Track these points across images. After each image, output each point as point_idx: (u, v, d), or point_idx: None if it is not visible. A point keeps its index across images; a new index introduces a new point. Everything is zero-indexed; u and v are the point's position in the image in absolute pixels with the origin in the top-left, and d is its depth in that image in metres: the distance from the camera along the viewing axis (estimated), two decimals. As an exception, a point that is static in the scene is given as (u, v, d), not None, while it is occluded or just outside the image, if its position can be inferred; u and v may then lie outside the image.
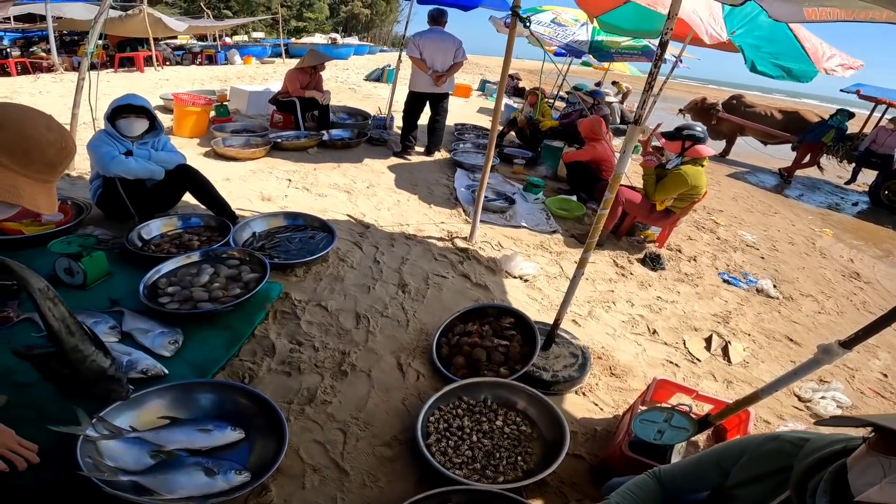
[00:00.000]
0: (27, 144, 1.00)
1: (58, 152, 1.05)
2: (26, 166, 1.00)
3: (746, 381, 2.56)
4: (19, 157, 0.99)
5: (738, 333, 3.02)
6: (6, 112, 1.00)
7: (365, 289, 2.75)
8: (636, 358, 2.55)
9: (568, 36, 6.78)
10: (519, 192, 4.78)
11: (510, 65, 3.05)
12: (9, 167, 0.98)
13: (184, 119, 5.23)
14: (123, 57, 10.93)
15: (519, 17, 2.82)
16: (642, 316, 2.98)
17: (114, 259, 2.55)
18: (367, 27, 44.71)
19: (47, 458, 1.42)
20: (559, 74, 8.69)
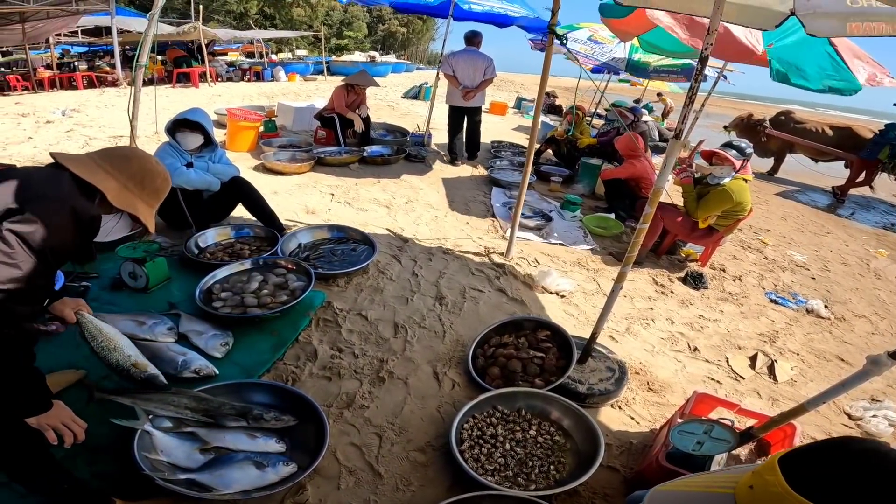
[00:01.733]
0: (144, 174, 1.40)
1: (162, 181, 1.46)
2: (142, 190, 1.40)
3: (793, 399, 2.47)
4: (138, 181, 1.39)
5: (786, 353, 2.92)
6: (131, 149, 1.45)
7: (403, 300, 2.82)
8: (675, 374, 2.51)
9: (605, 53, 6.76)
10: (556, 209, 4.77)
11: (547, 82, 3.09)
12: (132, 190, 1.38)
13: (236, 134, 5.53)
14: (181, 73, 11.67)
15: (556, 35, 2.84)
16: (682, 333, 2.93)
17: (173, 265, 2.74)
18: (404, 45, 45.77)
19: (102, 450, 1.53)
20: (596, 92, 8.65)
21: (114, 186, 1.33)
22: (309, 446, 1.67)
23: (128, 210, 1.36)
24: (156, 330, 2.15)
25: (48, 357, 1.94)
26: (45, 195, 1.17)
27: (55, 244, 1.14)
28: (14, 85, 10.03)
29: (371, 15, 41.09)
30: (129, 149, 1.43)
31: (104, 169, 1.33)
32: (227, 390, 1.81)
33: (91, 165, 1.32)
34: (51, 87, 10.38)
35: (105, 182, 1.31)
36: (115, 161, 1.37)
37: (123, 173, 1.36)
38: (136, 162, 1.40)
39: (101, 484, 1.47)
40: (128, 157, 1.40)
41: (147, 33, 3.27)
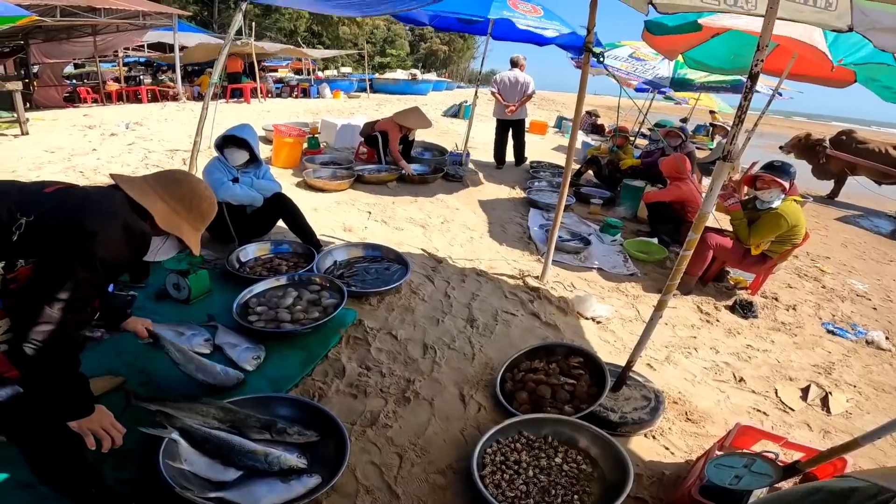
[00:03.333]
0: (192, 197, 1.49)
1: (209, 206, 1.55)
2: (189, 213, 1.48)
3: (847, 432, 2.31)
4: (186, 205, 1.47)
5: (842, 384, 2.74)
6: (182, 173, 1.54)
7: (434, 321, 2.80)
8: (717, 405, 2.41)
9: (648, 70, 6.61)
10: (595, 232, 4.66)
11: (584, 101, 3.05)
12: (179, 213, 1.46)
13: (281, 150, 5.72)
14: (234, 88, 12.32)
15: (592, 53, 2.79)
16: (728, 363, 2.80)
17: (215, 278, 2.83)
18: (445, 63, 46.49)
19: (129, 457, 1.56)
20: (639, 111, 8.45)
21: (162, 209, 1.41)
22: (329, 463, 1.67)
23: (174, 232, 1.43)
24: (193, 341, 2.22)
25: (91, 362, 2.01)
26: (101, 210, 1.25)
27: (108, 257, 1.21)
28: (84, 97, 10.89)
29: (413, 33, 42.11)
30: (181, 173, 1.53)
31: (156, 192, 1.42)
32: (254, 403, 1.84)
33: (144, 188, 1.41)
34: (118, 100, 11.18)
35: (155, 205, 1.40)
36: (167, 185, 1.45)
37: (173, 197, 1.44)
38: (185, 186, 1.48)
39: (125, 490, 1.50)
40: (179, 181, 1.48)
41: (222, 51, 3.46)
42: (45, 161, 5.27)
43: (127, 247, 1.27)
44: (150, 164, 5.40)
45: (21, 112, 6.55)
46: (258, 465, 1.57)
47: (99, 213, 1.24)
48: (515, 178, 6.65)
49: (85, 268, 1.17)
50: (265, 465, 1.57)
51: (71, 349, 1.19)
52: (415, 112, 5.79)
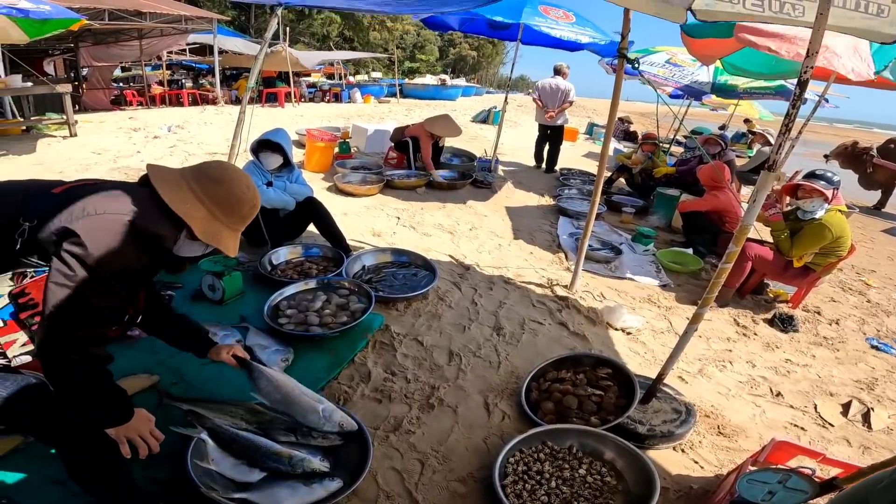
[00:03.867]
0: (232, 200, 1.32)
1: (250, 209, 1.37)
2: (228, 217, 1.32)
3: (888, 448, 2.23)
4: (226, 209, 1.31)
5: (885, 401, 2.62)
6: (224, 170, 1.34)
7: (460, 328, 2.79)
8: (752, 419, 2.34)
9: (686, 76, 6.45)
10: (627, 242, 4.55)
11: (618, 107, 2.99)
12: (218, 218, 1.30)
13: (313, 154, 5.83)
14: (269, 93, 12.66)
15: (626, 59, 2.73)
16: (765, 377, 2.70)
17: (247, 280, 2.90)
18: (474, 69, 46.53)
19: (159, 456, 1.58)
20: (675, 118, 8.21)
21: (201, 217, 1.26)
22: (351, 467, 1.67)
23: (213, 243, 1.30)
24: (224, 342, 2.24)
25: (127, 360, 2.09)
26: (105, 213, 1.12)
27: (114, 265, 1.09)
28: (130, 100, 11.40)
29: (442, 39, 42.38)
30: (221, 168, 1.34)
31: (194, 193, 1.26)
32: None
33: (182, 188, 1.26)
34: (161, 103, 11.65)
35: (194, 213, 1.24)
36: (206, 184, 1.28)
37: (213, 200, 1.28)
38: (226, 186, 1.30)
39: (154, 489, 1.53)
40: (218, 180, 1.30)
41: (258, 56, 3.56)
42: (91, 162, 5.53)
43: (138, 253, 1.15)
44: (189, 167, 5.58)
45: (70, 114, 6.90)
46: (282, 467, 1.58)
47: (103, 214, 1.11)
48: (545, 185, 6.57)
49: (92, 281, 1.07)
50: (289, 467, 1.58)
51: (94, 361, 1.12)
52: (445, 119, 5.79)
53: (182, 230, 1.28)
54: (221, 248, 1.32)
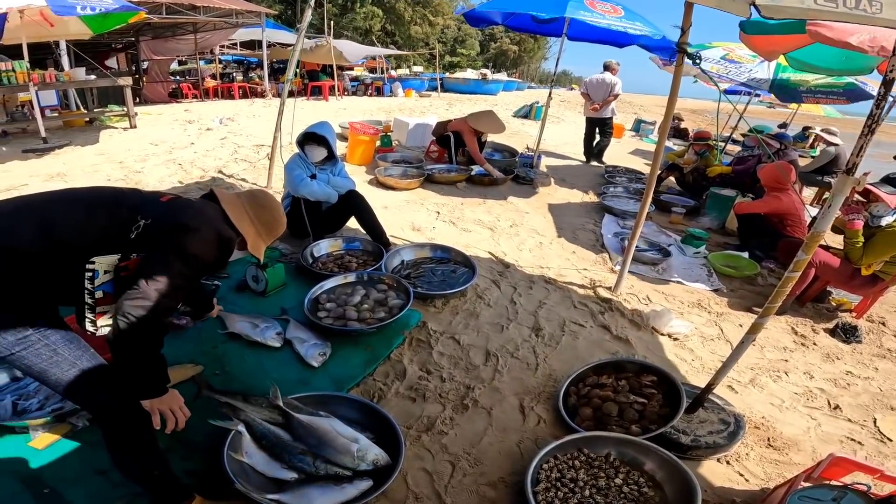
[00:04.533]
0: (273, 223, 1.71)
1: (280, 227, 1.76)
2: (268, 235, 1.70)
3: None
4: (268, 229, 1.69)
5: None
6: (270, 199, 1.74)
7: (498, 328, 2.74)
8: (806, 432, 2.23)
9: (743, 73, 6.11)
10: (676, 243, 4.35)
11: (675, 105, 2.85)
12: (261, 236, 1.68)
13: (356, 147, 5.89)
14: (314, 86, 12.94)
15: (687, 55, 2.60)
16: (822, 390, 2.56)
17: (290, 272, 2.95)
18: (516, 63, 45.81)
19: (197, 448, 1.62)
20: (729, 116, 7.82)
21: (252, 234, 1.62)
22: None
23: (255, 254, 1.68)
24: (266, 334, 2.31)
25: (174, 350, 2.15)
26: (202, 216, 1.45)
27: (200, 255, 1.38)
28: (186, 93, 11.93)
29: (483, 34, 41.94)
30: (267, 198, 1.73)
31: (249, 216, 1.63)
32: (315, 401, 1.86)
33: (240, 210, 1.61)
34: (214, 96, 12.12)
35: (247, 229, 1.60)
36: (257, 210, 1.66)
37: (260, 221, 1.66)
38: (269, 212, 1.69)
39: (189, 481, 1.55)
40: (265, 207, 1.69)
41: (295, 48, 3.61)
42: (149, 153, 5.81)
43: (217, 250, 1.46)
44: (238, 158, 5.78)
45: (130, 106, 7.27)
46: (307, 467, 1.58)
47: (200, 218, 1.44)
48: (589, 182, 6.39)
49: (181, 260, 1.33)
50: (313, 468, 1.58)
51: (157, 329, 1.29)
52: (489, 115, 5.66)
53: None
54: (256, 255, 1.68)
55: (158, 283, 1.27)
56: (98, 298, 1.34)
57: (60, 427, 1.71)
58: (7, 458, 1.60)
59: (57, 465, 1.59)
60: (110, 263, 1.33)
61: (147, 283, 1.26)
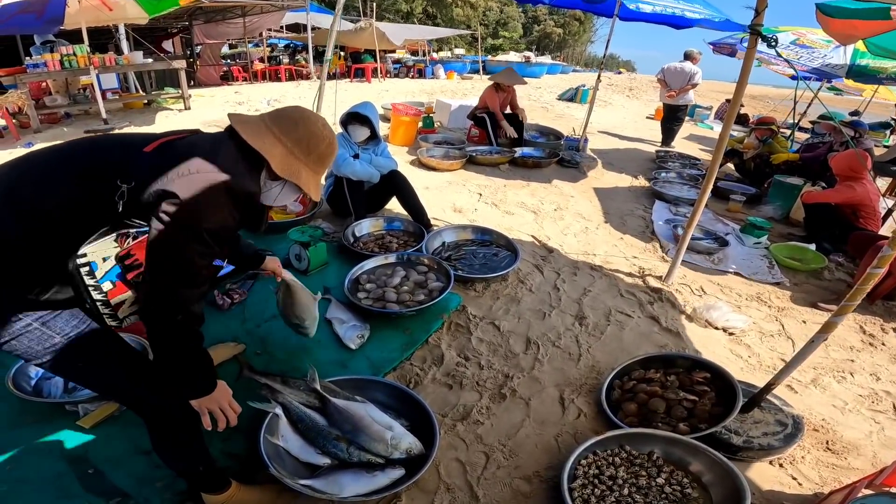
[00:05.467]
0: (309, 137, 1.30)
1: (327, 146, 1.34)
2: (307, 155, 1.30)
3: None
4: (304, 147, 1.29)
5: None
6: (300, 112, 1.33)
7: (540, 314, 2.65)
8: (868, 436, 2.09)
9: (816, 59, 5.72)
10: (734, 233, 4.11)
11: (738, 90, 2.67)
12: (297, 156, 1.29)
13: (398, 128, 5.89)
14: (357, 68, 13.02)
15: (762, 37, 2.41)
16: (889, 392, 2.38)
17: (332, 251, 2.95)
18: (560, 46, 44.36)
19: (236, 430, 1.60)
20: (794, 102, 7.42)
21: (279, 153, 1.25)
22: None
23: (291, 178, 1.28)
24: (347, 333, 2.25)
25: (217, 327, 2.20)
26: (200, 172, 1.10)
27: (214, 226, 1.11)
28: (237, 76, 12.30)
29: (526, 15, 40.86)
30: (298, 111, 1.33)
31: (273, 133, 1.25)
32: (352, 385, 1.84)
33: (261, 129, 1.26)
34: (262, 79, 12.43)
35: (271, 149, 1.24)
36: (284, 124, 1.27)
37: (290, 138, 1.27)
38: (303, 126, 1.29)
39: (228, 463, 1.56)
40: (296, 120, 1.29)
41: (332, 28, 3.60)
42: (201, 133, 6.01)
43: (233, 211, 1.15)
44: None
45: (185, 88, 7.54)
46: (340, 453, 1.56)
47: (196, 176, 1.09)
48: (639, 167, 6.14)
49: (194, 241, 1.08)
50: (346, 454, 1.56)
51: (185, 325, 1.13)
52: (507, 71, 5.96)
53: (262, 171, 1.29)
54: (303, 187, 1.30)
55: (174, 273, 1.07)
56: (108, 290, 1.18)
57: (109, 405, 1.72)
58: (56, 437, 1.62)
59: (102, 444, 1.61)
60: (107, 250, 1.15)
61: (156, 277, 1.07)
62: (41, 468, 1.51)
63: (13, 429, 1.64)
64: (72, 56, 6.13)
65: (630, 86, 16.83)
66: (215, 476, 1.39)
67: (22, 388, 1.75)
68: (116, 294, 1.19)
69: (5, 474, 1.48)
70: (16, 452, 1.56)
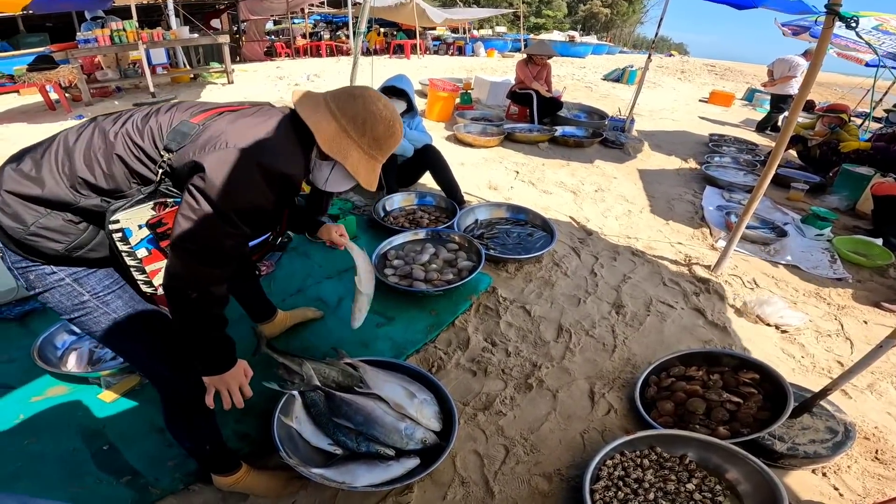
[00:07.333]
0: (367, 117, 1.19)
1: (386, 129, 1.22)
2: (361, 135, 1.19)
3: None
4: (359, 126, 1.18)
5: None
6: (362, 89, 1.23)
7: (574, 300, 2.51)
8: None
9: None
10: (793, 223, 3.79)
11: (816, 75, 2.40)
12: (349, 134, 1.18)
13: (435, 103, 5.80)
14: (396, 44, 12.93)
15: (840, 18, 2.19)
16: None
17: (362, 225, 2.91)
18: (607, 27, 42.49)
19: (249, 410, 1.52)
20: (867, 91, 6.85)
21: (330, 130, 1.16)
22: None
23: (337, 157, 1.17)
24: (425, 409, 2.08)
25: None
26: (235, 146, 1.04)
27: (239, 204, 1.03)
28: (280, 51, 12.46)
29: (572, -7, 39.34)
30: (361, 89, 1.23)
31: (329, 108, 1.18)
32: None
33: (318, 103, 1.19)
34: (304, 54, 12.54)
35: (322, 124, 1.16)
36: (342, 100, 1.19)
37: (346, 114, 1.17)
38: (360, 102, 1.19)
39: (240, 444, 1.53)
40: (354, 96, 1.20)
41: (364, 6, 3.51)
42: (242, 106, 6.11)
43: (267, 192, 1.07)
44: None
45: (228, 63, 7.66)
46: (349, 442, 1.50)
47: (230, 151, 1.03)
48: (689, 150, 5.80)
49: (220, 220, 1.02)
50: (355, 444, 1.50)
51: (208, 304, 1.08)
52: (539, 42, 6.12)
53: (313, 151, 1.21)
54: (350, 170, 1.19)
55: (195, 250, 1.02)
56: (144, 258, 1.14)
57: (130, 379, 1.72)
58: (77, 410, 1.62)
59: (120, 420, 1.60)
60: (143, 217, 1.10)
61: (176, 251, 1.03)
62: (58, 443, 1.51)
63: (37, 401, 1.65)
64: (121, 31, 6.31)
65: (682, 68, 15.98)
66: (225, 457, 1.38)
67: (47, 360, 1.76)
68: (152, 261, 1.17)
69: (23, 449, 1.49)
70: (36, 426, 1.57)
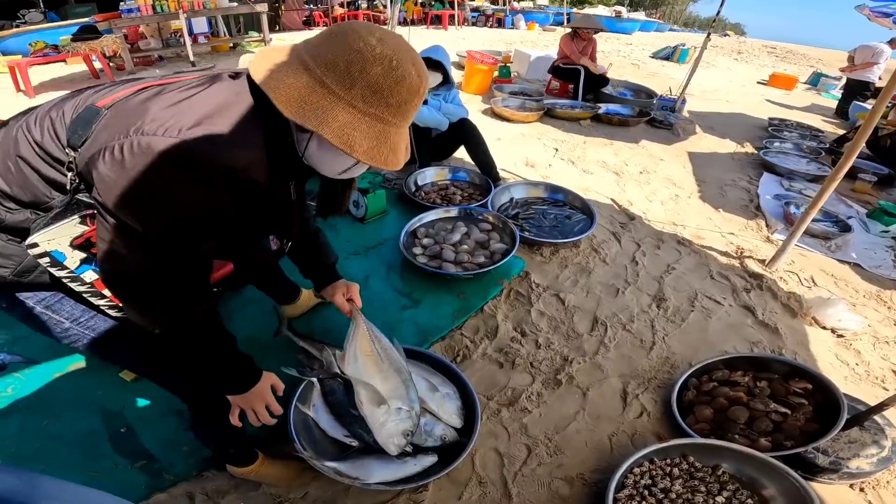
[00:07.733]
0: (351, 57, 0.78)
1: (385, 73, 0.79)
2: (348, 87, 0.79)
3: None
4: (341, 73, 0.78)
5: None
6: (346, 24, 0.82)
7: (612, 290, 2.37)
8: None
9: None
10: (858, 217, 3.51)
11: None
12: (328, 87, 0.78)
13: (472, 76, 5.65)
14: (434, 15, 12.67)
15: None
16: None
17: (392, 199, 2.81)
18: (657, 4, 40.30)
19: None
20: None
21: (297, 85, 0.78)
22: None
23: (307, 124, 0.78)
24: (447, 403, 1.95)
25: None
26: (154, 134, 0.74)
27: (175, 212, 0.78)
28: (318, 21, 12.42)
29: (621, -32, 37.25)
30: (346, 23, 0.83)
31: (299, 58, 0.81)
32: None
33: (282, 55, 0.83)
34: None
35: (285, 80, 0.78)
36: (315, 44, 0.82)
37: (321, 61, 0.79)
38: (340, 40, 0.79)
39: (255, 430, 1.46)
40: (332, 34, 0.81)
41: None
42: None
43: (206, 191, 0.78)
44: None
45: (266, 32, 7.62)
46: (365, 434, 1.43)
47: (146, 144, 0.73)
48: (745, 133, 5.44)
49: (157, 236, 0.80)
50: (371, 438, 1.42)
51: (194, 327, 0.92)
52: (586, 16, 5.81)
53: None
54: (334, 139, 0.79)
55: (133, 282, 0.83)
56: (94, 280, 0.93)
57: None
58: (97, 390, 1.60)
59: (140, 399, 1.58)
60: (69, 234, 0.86)
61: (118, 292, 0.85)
62: (77, 424, 1.50)
63: (59, 379, 1.64)
64: (163, 1, 6.34)
65: (738, 49, 15.04)
66: (244, 452, 1.35)
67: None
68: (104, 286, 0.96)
69: (41, 429, 1.48)
70: (57, 405, 1.55)
